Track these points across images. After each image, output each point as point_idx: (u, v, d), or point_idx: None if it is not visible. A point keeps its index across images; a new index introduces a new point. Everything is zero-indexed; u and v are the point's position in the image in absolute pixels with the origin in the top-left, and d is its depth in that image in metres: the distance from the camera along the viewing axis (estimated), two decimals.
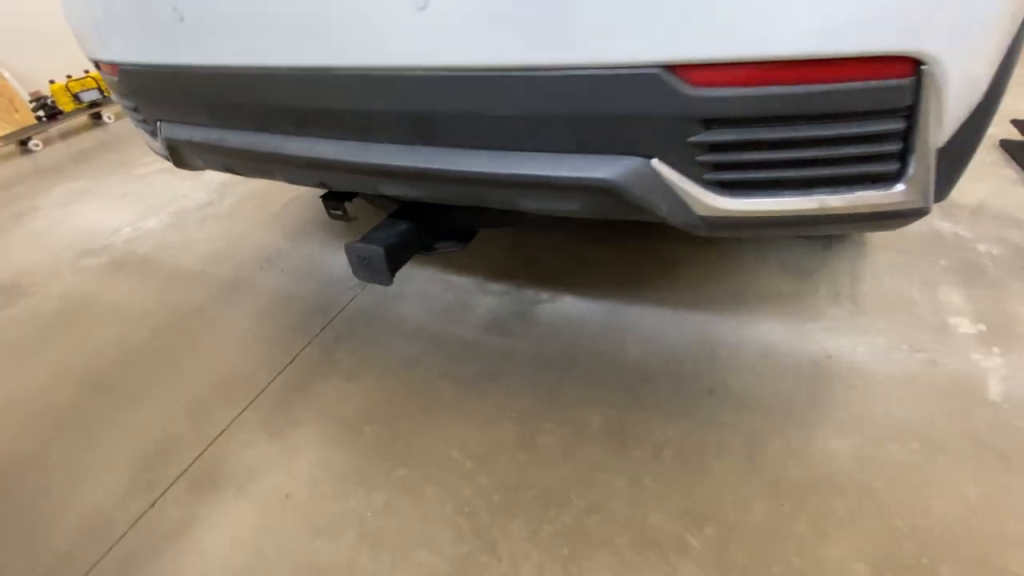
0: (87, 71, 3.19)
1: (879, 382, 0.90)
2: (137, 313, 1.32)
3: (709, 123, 0.50)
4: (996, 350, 0.94)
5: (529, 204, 0.64)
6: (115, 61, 0.80)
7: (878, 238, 1.25)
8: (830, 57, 0.45)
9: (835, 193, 0.56)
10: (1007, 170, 1.49)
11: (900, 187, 0.55)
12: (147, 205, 1.88)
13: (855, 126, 0.50)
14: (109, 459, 0.93)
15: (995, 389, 0.87)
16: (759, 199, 0.56)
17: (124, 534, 0.81)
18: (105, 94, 3.08)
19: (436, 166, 0.61)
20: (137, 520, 0.82)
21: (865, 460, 0.78)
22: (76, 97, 2.94)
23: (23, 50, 3.07)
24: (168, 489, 0.86)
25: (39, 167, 2.48)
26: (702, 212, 0.57)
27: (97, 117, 3.03)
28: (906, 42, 0.44)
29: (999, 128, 1.66)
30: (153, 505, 0.84)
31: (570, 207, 0.62)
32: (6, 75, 2.97)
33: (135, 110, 0.88)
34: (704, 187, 0.55)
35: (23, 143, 2.68)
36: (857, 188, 0.55)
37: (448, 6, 0.49)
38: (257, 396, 1.02)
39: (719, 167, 0.53)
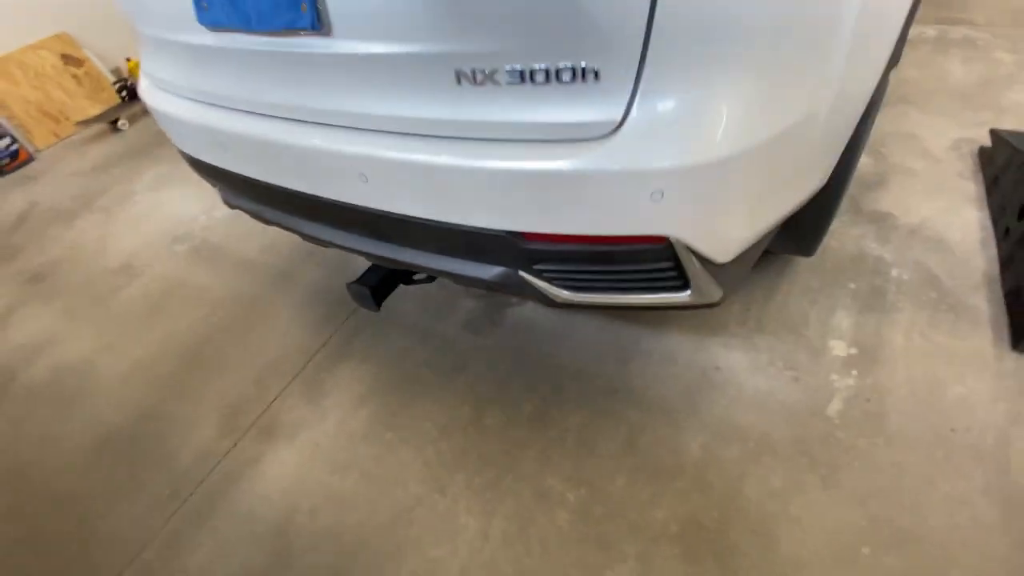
0: None
1: (747, 393, 1.16)
2: (214, 298, 1.75)
3: (543, 259, 0.78)
4: (854, 372, 1.17)
5: (459, 282, 0.94)
6: (185, 153, 1.14)
7: (805, 260, 1.43)
8: (597, 234, 0.70)
9: (648, 294, 0.82)
10: (969, 184, 1.57)
11: (688, 293, 0.80)
12: (216, 196, 2.29)
13: (643, 265, 0.75)
14: (204, 414, 1.38)
15: (834, 407, 1.11)
16: (594, 295, 0.84)
17: (219, 462, 1.26)
18: None
19: (383, 253, 0.93)
20: (226, 455, 1.27)
21: (709, 453, 1.08)
22: None
23: (100, 30, 3.46)
24: (243, 437, 1.30)
25: (129, 147, 2.94)
26: (557, 300, 0.86)
27: None
28: (647, 229, 0.68)
29: (983, 133, 1.70)
30: (235, 446, 1.28)
31: (477, 286, 0.92)
32: (92, 57, 3.41)
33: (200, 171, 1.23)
34: (554, 286, 0.84)
35: (112, 123, 3.15)
36: (661, 292, 0.81)
37: (379, 183, 0.78)
38: (299, 373, 1.43)
39: (557, 280, 0.81)
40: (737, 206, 0.71)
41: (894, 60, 0.89)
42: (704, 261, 0.75)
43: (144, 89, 1.14)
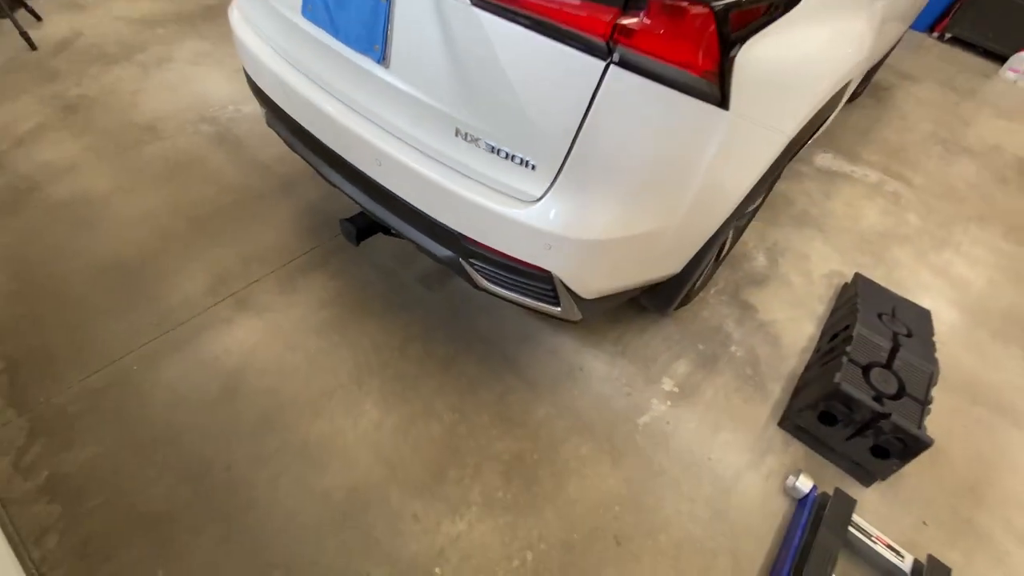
0: None
1: (592, 391, 1.61)
2: (226, 182, 2.07)
3: (476, 257, 1.17)
4: (668, 403, 1.63)
5: (420, 249, 1.33)
6: (251, 80, 1.46)
7: (683, 316, 1.88)
8: (511, 256, 1.11)
9: (533, 300, 1.24)
10: (820, 307, 2.05)
11: (558, 308, 1.22)
12: (247, 94, 2.55)
13: (533, 282, 1.16)
14: (197, 272, 1.73)
15: (643, 419, 1.58)
16: (501, 289, 1.25)
17: (199, 313, 1.62)
18: None
19: (374, 210, 1.30)
20: (206, 310, 1.63)
21: (549, 420, 1.52)
22: None
23: None
24: (223, 300, 1.66)
25: (178, 12, 3.11)
26: (479, 286, 1.26)
27: None
28: (539, 263, 1.09)
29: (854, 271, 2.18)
30: (215, 304, 1.64)
31: (430, 257, 1.31)
32: None
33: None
34: (480, 276, 1.24)
35: None
36: (541, 302, 1.23)
37: (389, 169, 1.15)
38: (281, 267, 1.79)
39: (482, 273, 1.22)
40: (596, 268, 1.12)
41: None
42: (572, 293, 1.17)
43: (235, 19, 1.44)
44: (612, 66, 0.83)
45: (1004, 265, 2.45)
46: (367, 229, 1.52)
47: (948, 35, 4.71)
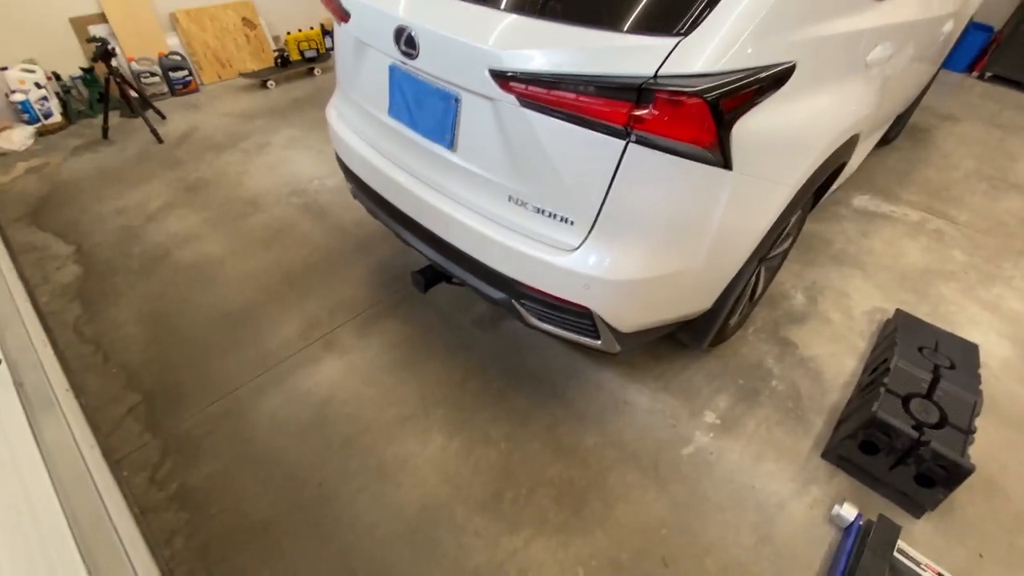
0: (312, 27, 4.38)
1: (637, 423, 1.75)
2: (313, 244, 2.44)
3: (526, 297, 1.39)
4: (711, 434, 1.73)
5: (476, 292, 1.57)
6: (341, 162, 1.82)
7: (723, 353, 2.00)
8: (555, 295, 1.32)
9: (576, 334, 1.43)
10: (862, 343, 2.11)
11: (599, 341, 1.41)
12: (331, 167, 3.00)
13: (575, 318, 1.36)
14: (291, 319, 2.05)
15: (687, 450, 1.68)
16: (548, 326, 1.45)
17: (293, 353, 1.92)
18: (320, 53, 4.26)
19: (440, 261, 1.57)
20: (299, 351, 1.93)
21: (596, 449, 1.66)
22: (301, 52, 4.15)
23: (274, 6, 4.30)
24: (312, 343, 1.96)
25: (272, 106, 3.72)
26: (528, 323, 1.47)
27: (311, 71, 4.23)
28: (580, 301, 1.29)
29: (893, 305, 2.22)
30: (307, 346, 1.94)
31: (486, 299, 1.54)
32: (263, 25, 4.24)
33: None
34: (529, 314, 1.45)
35: (263, 82, 3.95)
36: (584, 336, 1.42)
37: (456, 230, 1.42)
38: (358, 315, 2.08)
39: (531, 311, 1.43)
40: (630, 304, 1.31)
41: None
42: (610, 327, 1.36)
43: (333, 116, 1.82)
44: (630, 144, 1.07)
45: None
46: (433, 279, 1.79)
47: (988, 74, 4.72)
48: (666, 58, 0.99)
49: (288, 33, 4.25)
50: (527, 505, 1.52)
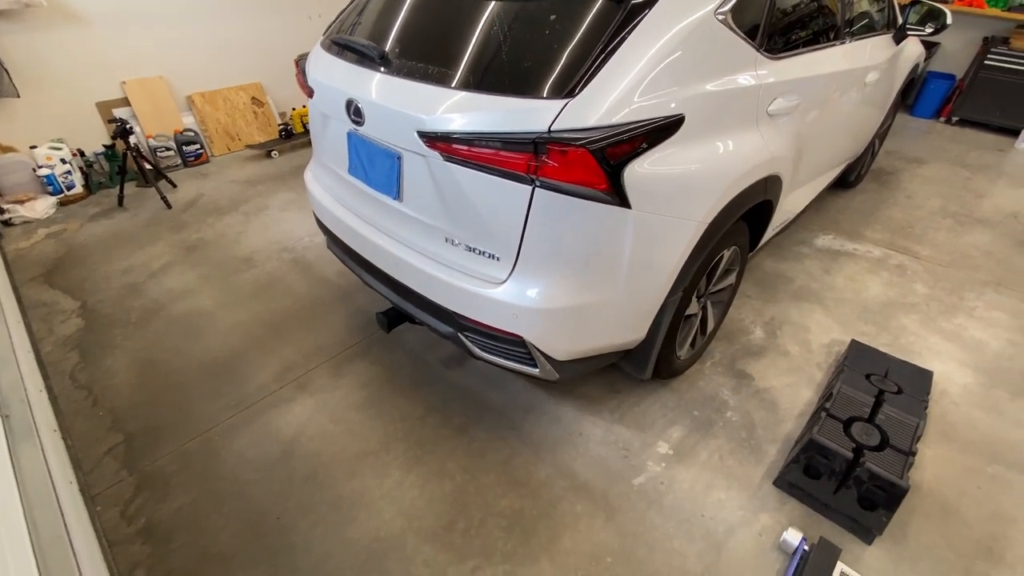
0: None
1: (591, 454, 1.80)
2: (299, 295, 2.61)
3: (468, 330, 1.52)
4: (663, 464, 1.77)
5: (429, 328, 1.70)
6: (316, 217, 2.02)
7: (679, 386, 2.06)
8: (491, 325, 1.44)
9: (516, 363, 1.54)
10: (818, 373, 2.16)
11: (536, 369, 1.51)
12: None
13: (512, 347, 1.48)
14: (270, 364, 2.18)
15: (638, 480, 1.72)
16: (491, 356, 1.56)
17: (268, 394, 2.03)
18: None
19: (398, 303, 1.71)
20: (273, 392, 2.04)
21: (549, 480, 1.71)
22: (304, 126, 4.56)
23: (280, 85, 4.76)
24: (287, 385, 2.08)
25: (274, 173, 4.05)
26: (473, 354, 1.59)
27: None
28: (511, 329, 1.41)
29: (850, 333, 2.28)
30: (280, 388, 2.06)
31: (437, 334, 1.66)
32: (270, 102, 4.69)
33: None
34: (473, 346, 1.57)
35: (268, 152, 4.32)
36: (522, 365, 1.53)
37: (405, 271, 1.57)
38: (332, 357, 2.21)
39: (474, 343, 1.55)
40: (557, 332, 1.42)
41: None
42: (544, 355, 1.46)
43: (309, 178, 2.04)
44: (537, 188, 1.23)
45: None
46: (395, 319, 1.93)
47: (955, 118, 4.95)
48: (557, 116, 1.16)
49: (293, 109, 4.69)
50: (477, 535, 1.56)
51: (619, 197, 1.24)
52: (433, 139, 1.29)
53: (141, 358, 2.25)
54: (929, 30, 2.55)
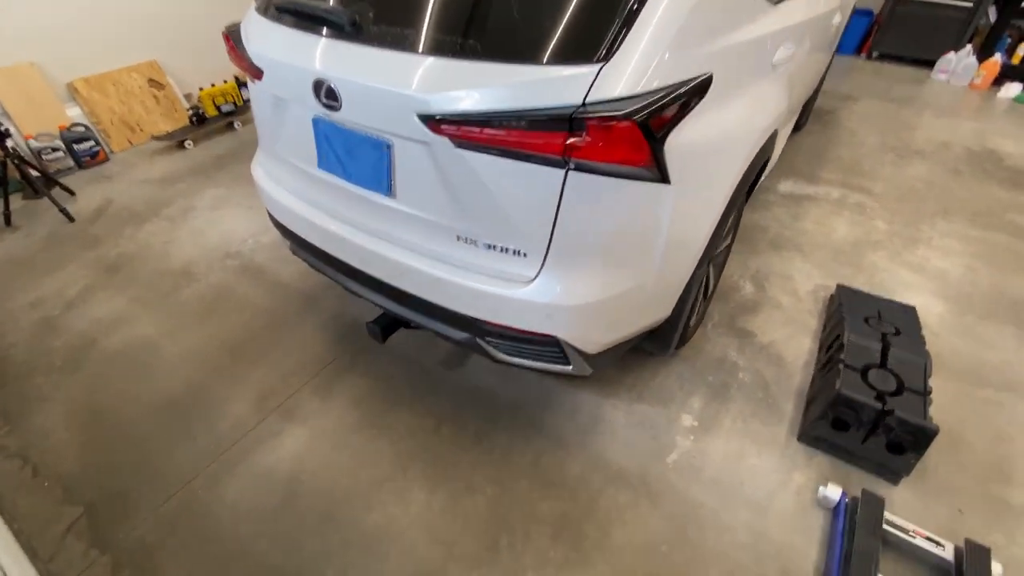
0: (226, 80, 4.23)
1: (618, 440, 1.73)
2: (255, 307, 2.30)
3: (490, 334, 1.36)
4: (691, 438, 1.74)
5: (438, 335, 1.51)
6: (275, 219, 1.73)
7: (688, 354, 2.03)
8: (519, 328, 1.29)
9: (546, 363, 1.40)
10: (813, 320, 2.20)
11: (570, 366, 1.39)
12: (263, 223, 2.86)
13: (543, 347, 1.34)
14: (243, 394, 1.91)
15: (672, 458, 1.68)
16: (517, 359, 1.42)
17: (250, 430, 1.78)
18: (238, 105, 4.12)
19: (397, 310, 1.50)
20: (255, 426, 1.79)
21: (584, 475, 1.63)
22: (218, 107, 3.99)
23: (183, 61, 4.13)
24: (269, 415, 1.83)
25: (193, 166, 3.54)
26: (496, 359, 1.43)
27: (230, 125, 4.07)
28: (544, 330, 1.27)
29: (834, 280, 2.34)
30: (263, 421, 1.81)
31: (449, 341, 1.49)
32: (172, 83, 4.06)
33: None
34: (496, 350, 1.41)
35: (180, 142, 3.76)
36: (554, 364, 1.40)
37: (406, 277, 1.37)
38: (314, 376, 1.97)
39: (498, 347, 1.39)
40: (594, 326, 1.30)
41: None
42: (578, 351, 1.34)
43: (259, 175, 1.73)
44: (570, 172, 1.06)
45: (976, 251, 2.61)
46: (390, 327, 1.72)
47: (875, 53, 5.18)
48: (591, 85, 0.99)
49: (201, 89, 4.09)
50: (525, 550, 1.46)
51: (660, 172, 1.10)
52: (440, 123, 1.08)
53: (79, 409, 1.89)
54: None
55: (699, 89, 1.14)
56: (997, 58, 4.38)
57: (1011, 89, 4.28)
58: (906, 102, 4.35)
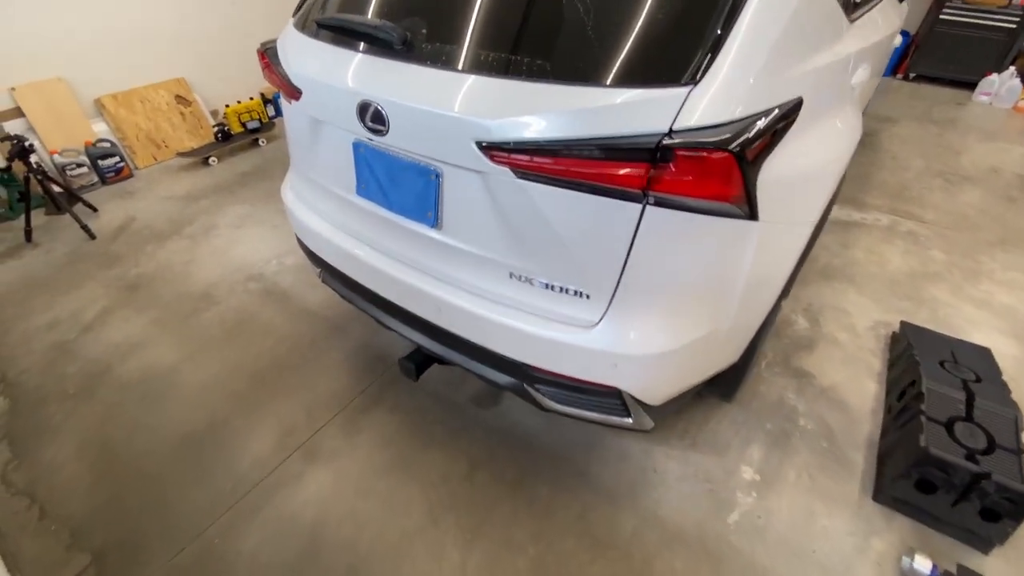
0: (252, 97, 4.21)
1: (673, 494, 1.57)
2: (279, 334, 2.19)
3: (541, 382, 1.22)
4: (754, 494, 1.57)
5: (479, 378, 1.38)
6: (305, 246, 1.62)
7: (742, 396, 1.86)
8: (576, 377, 1.15)
9: (604, 415, 1.26)
10: (876, 361, 2.03)
11: (630, 420, 1.24)
12: (288, 243, 2.78)
13: (603, 399, 1.20)
14: (264, 428, 1.79)
15: (733, 517, 1.51)
16: (570, 408, 1.28)
17: (272, 471, 1.65)
18: (264, 122, 4.09)
19: (435, 349, 1.38)
20: (277, 467, 1.66)
21: (637, 534, 1.47)
22: (243, 124, 3.97)
23: (210, 79, 4.12)
24: (292, 454, 1.70)
25: (217, 183, 3.49)
26: (545, 407, 1.29)
27: (255, 142, 4.04)
28: (607, 381, 1.13)
29: (898, 319, 2.17)
30: (285, 460, 1.68)
31: (491, 384, 1.36)
32: (199, 100, 4.05)
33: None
34: (546, 399, 1.28)
35: (205, 159, 3.72)
36: (612, 416, 1.25)
37: (449, 315, 1.24)
38: (341, 410, 1.84)
39: (548, 395, 1.25)
40: (662, 377, 1.16)
41: (786, 293, 1.36)
42: (641, 403, 1.20)
43: (290, 198, 1.63)
44: (648, 207, 0.94)
45: None
46: (424, 363, 1.59)
47: (912, 75, 5.03)
48: (679, 110, 0.87)
49: (227, 106, 4.07)
50: None
51: (749, 208, 0.97)
52: (502, 151, 0.96)
53: (92, 441, 1.79)
54: None
55: (790, 114, 1.01)
56: None
57: None
58: (948, 125, 4.19)
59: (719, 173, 0.88)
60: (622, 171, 0.90)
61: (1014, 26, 4.31)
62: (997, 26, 4.38)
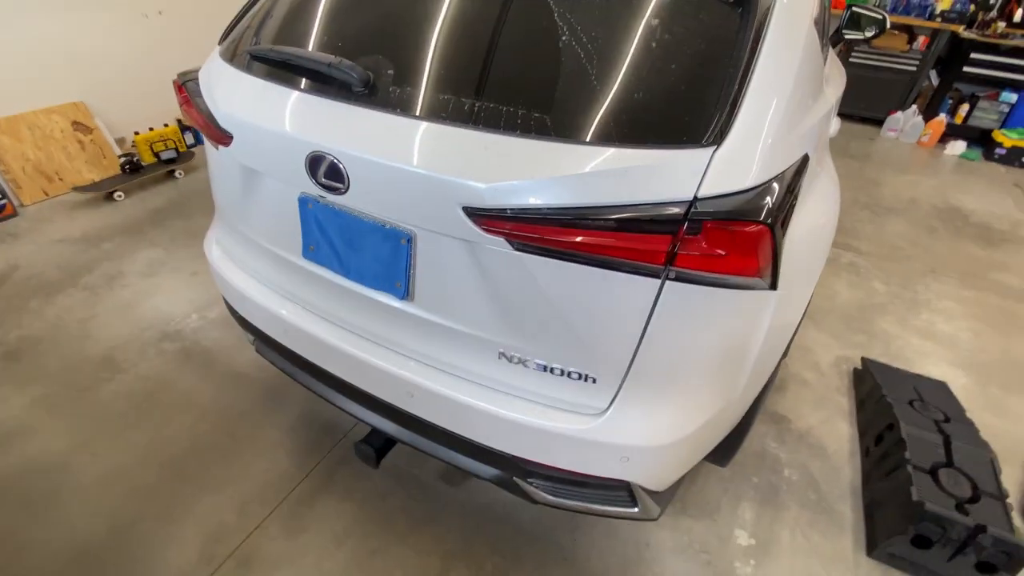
0: (167, 124, 3.79)
1: (668, 568, 1.43)
2: (201, 407, 1.86)
3: (535, 475, 1.04)
4: (752, 562, 1.46)
5: (458, 469, 1.18)
6: (236, 312, 1.36)
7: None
8: (585, 473, 0.99)
9: (607, 506, 1.10)
10: (844, 399, 2.03)
11: (636, 509, 1.09)
12: (211, 293, 2.43)
13: (607, 492, 1.04)
14: (186, 533, 1.46)
15: None
16: (567, 501, 1.10)
17: None
18: (180, 152, 3.67)
19: (404, 438, 1.16)
20: None
21: None
22: (156, 155, 3.54)
23: (114, 103, 3.66)
24: (221, 566, 1.39)
25: (124, 222, 3.04)
26: (538, 500, 1.11)
27: (171, 173, 3.61)
28: (614, 475, 0.98)
29: (857, 354, 2.21)
30: (215, 572, 1.37)
31: (473, 475, 1.16)
32: (102, 127, 3.57)
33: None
34: (540, 491, 1.10)
35: (109, 193, 3.26)
36: (617, 507, 1.09)
37: (423, 400, 1.04)
38: (280, 502, 1.55)
39: (542, 488, 1.08)
40: (675, 463, 1.02)
41: (784, 355, 1.29)
42: (649, 492, 1.05)
43: (215, 256, 1.37)
44: (667, 282, 0.80)
45: (975, 313, 2.58)
46: (385, 447, 1.36)
47: None
48: (704, 175, 0.75)
49: (136, 133, 3.61)
50: None
51: (773, 279, 0.86)
52: (497, 220, 0.79)
53: None
54: (870, 34, 2.59)
55: (801, 172, 0.92)
56: (942, 118, 4.68)
57: (957, 147, 4.56)
58: (865, 159, 4.53)
59: (752, 246, 0.77)
60: (640, 244, 0.76)
61: (914, 68, 4.78)
62: (900, 68, 4.84)
